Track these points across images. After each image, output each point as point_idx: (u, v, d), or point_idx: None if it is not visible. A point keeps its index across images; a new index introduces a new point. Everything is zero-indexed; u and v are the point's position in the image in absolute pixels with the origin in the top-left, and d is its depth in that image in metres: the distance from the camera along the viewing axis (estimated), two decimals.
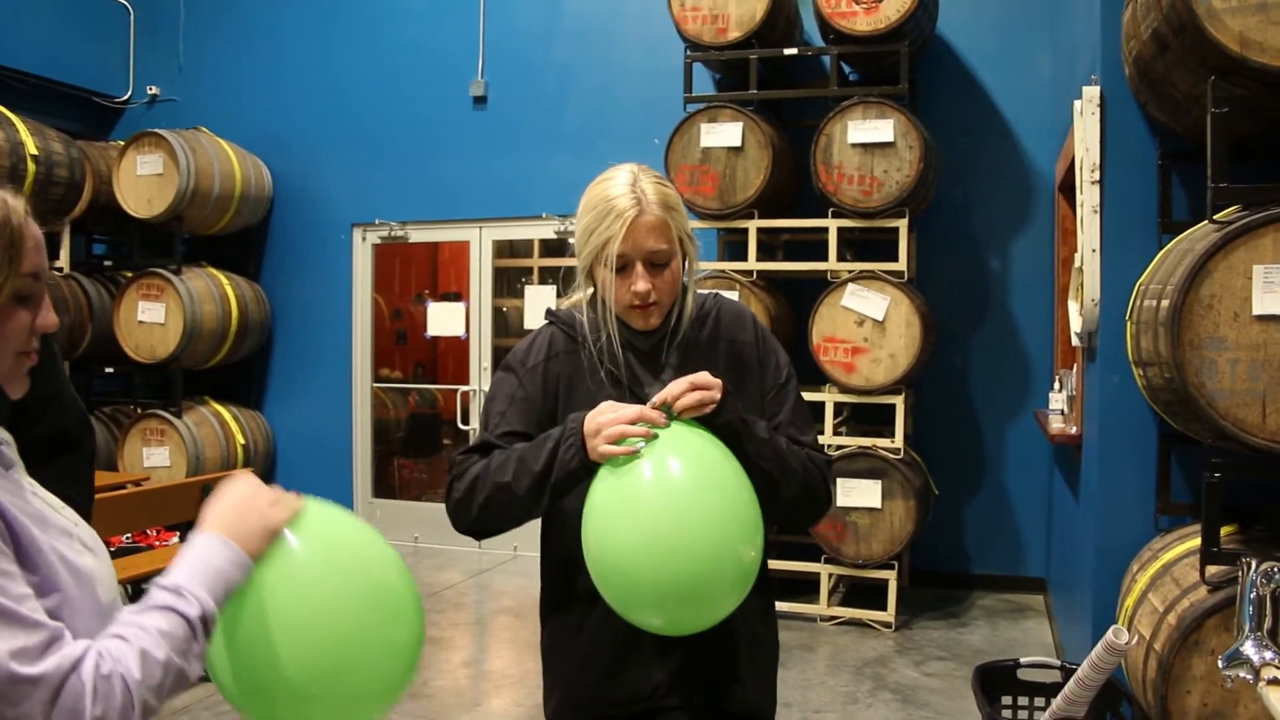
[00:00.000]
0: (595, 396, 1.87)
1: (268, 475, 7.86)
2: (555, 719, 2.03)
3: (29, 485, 1.41)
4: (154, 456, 7.26)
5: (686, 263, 1.99)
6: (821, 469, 1.99)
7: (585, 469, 1.78)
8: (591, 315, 1.98)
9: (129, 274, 7.36)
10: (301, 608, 1.39)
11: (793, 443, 1.96)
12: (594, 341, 1.96)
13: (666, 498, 1.70)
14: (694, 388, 1.78)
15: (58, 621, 1.20)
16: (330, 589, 1.42)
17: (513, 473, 1.84)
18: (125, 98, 8.22)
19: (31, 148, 6.34)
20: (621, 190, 1.90)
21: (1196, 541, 3.04)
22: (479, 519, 1.90)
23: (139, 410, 7.40)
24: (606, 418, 1.76)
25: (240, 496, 1.42)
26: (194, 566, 1.32)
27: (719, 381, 1.81)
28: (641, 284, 1.89)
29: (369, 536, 1.52)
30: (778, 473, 1.88)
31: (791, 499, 1.92)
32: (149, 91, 8.20)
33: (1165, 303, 2.90)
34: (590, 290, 1.99)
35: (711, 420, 1.80)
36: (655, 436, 1.75)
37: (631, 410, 1.77)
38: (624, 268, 1.90)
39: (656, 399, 1.79)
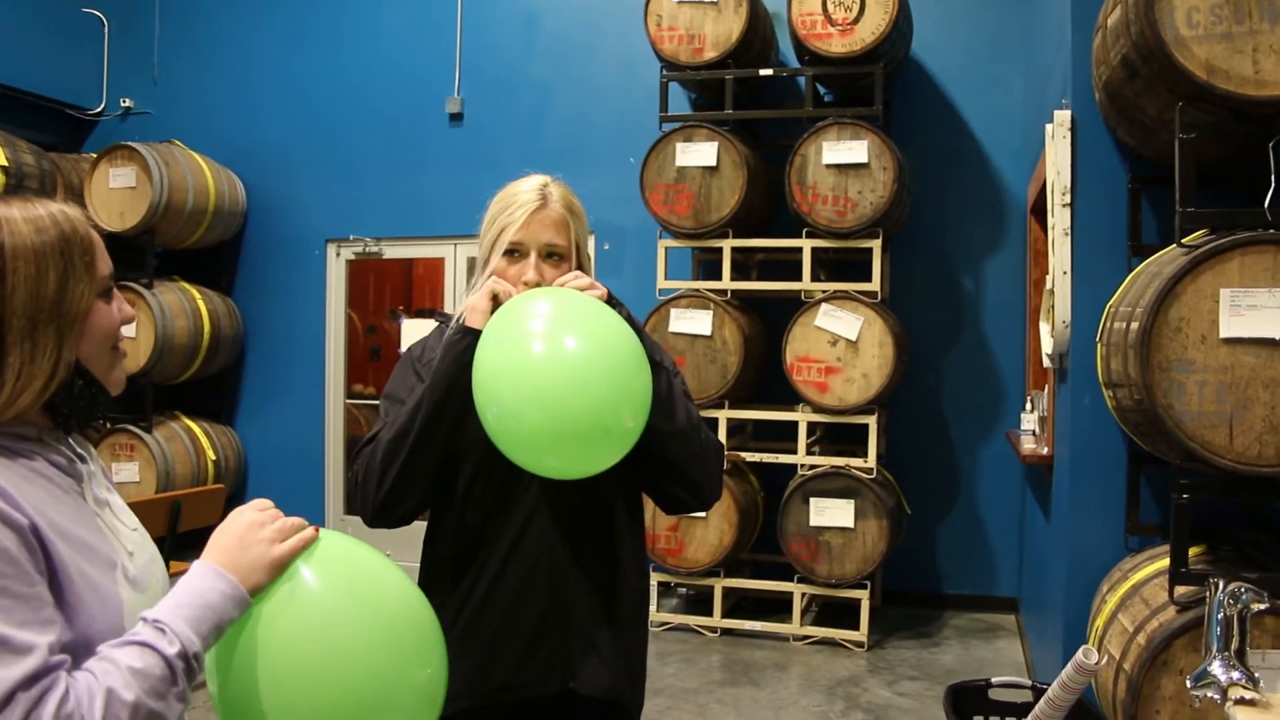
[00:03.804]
0: None
1: (239, 491, 7.80)
2: None
3: (100, 501, 1.40)
4: (123, 472, 7.19)
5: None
6: (715, 442, 2.02)
7: (465, 334, 1.84)
8: None
9: None
10: (308, 644, 1.31)
11: None
12: None
13: (546, 332, 1.71)
14: (577, 277, 1.87)
15: (63, 655, 1.17)
16: (340, 624, 1.34)
17: (409, 405, 1.86)
18: (98, 110, 8.16)
19: (1, 159, 6.29)
20: (529, 187, 1.98)
21: (1165, 562, 3.06)
22: (383, 473, 1.86)
23: (108, 425, 7.32)
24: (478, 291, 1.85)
25: (243, 524, 1.36)
26: (183, 599, 1.27)
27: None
28: (532, 273, 1.93)
29: (387, 570, 1.44)
30: (667, 397, 1.89)
31: (683, 435, 1.92)
32: (122, 104, 8.14)
33: (1134, 325, 2.93)
34: None
35: None
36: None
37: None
38: (516, 254, 1.95)
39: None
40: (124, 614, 1.27)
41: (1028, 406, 5.52)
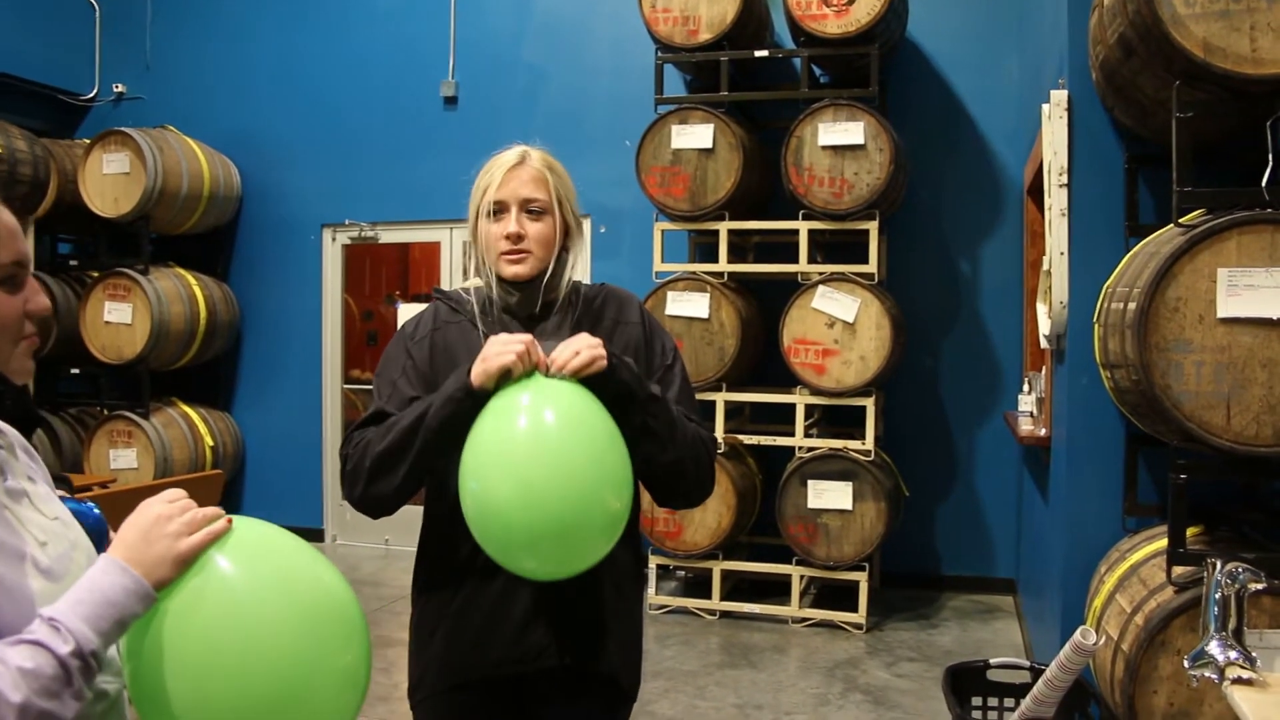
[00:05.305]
0: (476, 355, 1.90)
1: (237, 477, 7.81)
2: (422, 688, 2.06)
3: (14, 492, 1.36)
4: (121, 458, 7.18)
5: (570, 239, 2.07)
6: (707, 445, 2.05)
7: (466, 393, 1.82)
8: (478, 287, 2.07)
9: (95, 274, 7.28)
10: (220, 634, 1.29)
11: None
12: (479, 310, 2.03)
13: (539, 441, 1.74)
14: (577, 352, 1.83)
15: None
16: (257, 613, 1.31)
17: (399, 426, 1.88)
18: (91, 95, 8.12)
19: None
20: (509, 151, 2.04)
21: (1163, 542, 3.06)
22: (369, 483, 1.91)
23: (106, 412, 7.32)
24: (497, 344, 1.82)
25: (150, 518, 1.32)
26: (84, 595, 1.24)
27: (599, 341, 1.87)
28: (513, 226, 1.98)
29: (305, 556, 1.41)
30: (666, 432, 1.93)
31: (675, 465, 1.97)
32: (115, 89, 8.10)
33: (1132, 305, 2.92)
34: (478, 259, 2.07)
35: (605, 381, 1.84)
36: (532, 373, 1.81)
37: (521, 338, 1.82)
38: (500, 213, 2.00)
39: (543, 362, 1.85)
40: (35, 604, 1.25)
41: (1025, 388, 5.52)
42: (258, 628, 1.30)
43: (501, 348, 1.80)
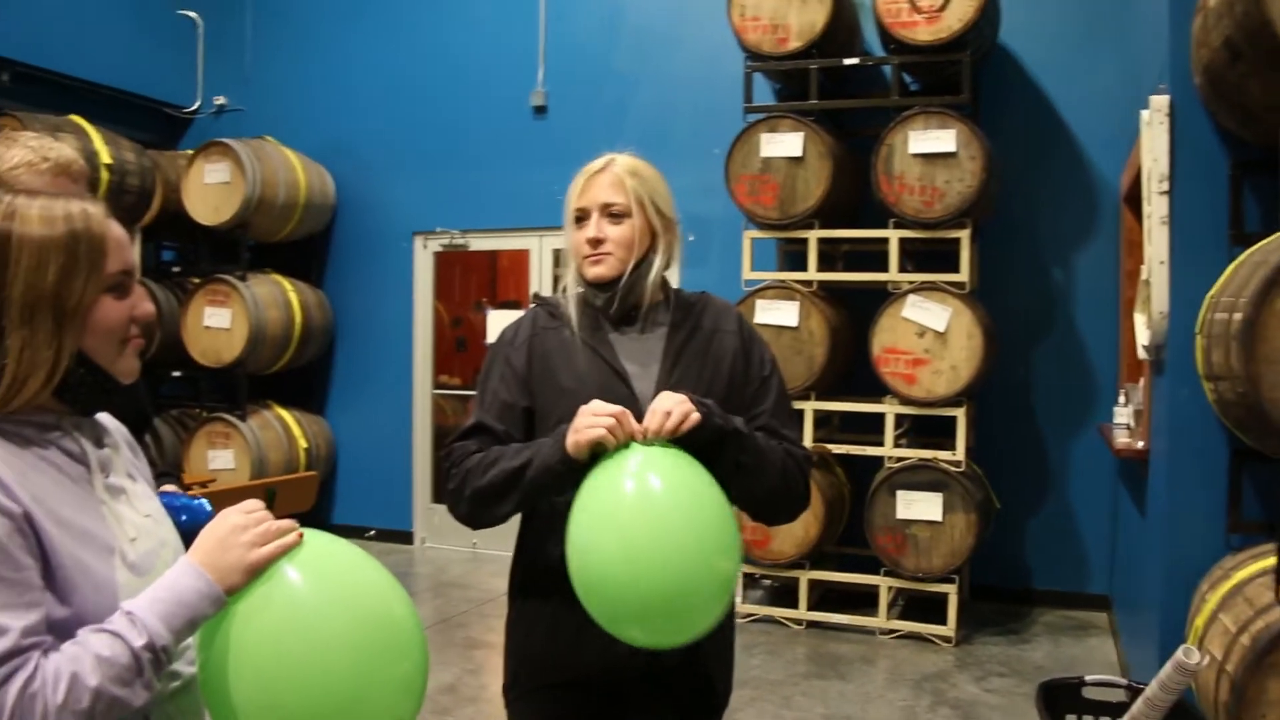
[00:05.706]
0: (573, 361, 2.01)
1: (329, 479, 7.98)
2: (515, 685, 2.12)
3: (114, 489, 1.47)
4: (219, 459, 7.39)
5: (656, 241, 2.08)
6: (800, 463, 2.07)
7: (563, 464, 1.85)
8: (577, 293, 2.12)
9: (196, 280, 7.51)
10: (284, 640, 1.37)
11: (773, 435, 2.05)
12: (576, 317, 2.08)
13: (646, 513, 1.76)
14: (668, 413, 1.84)
15: (40, 637, 1.25)
16: (319, 621, 1.39)
17: (498, 469, 1.94)
18: (194, 108, 8.39)
19: (105, 157, 6.50)
20: (598, 159, 2.10)
21: (1270, 560, 2.97)
22: (470, 509, 2.01)
23: (205, 414, 7.54)
24: (587, 416, 1.84)
25: (226, 527, 1.41)
26: (161, 594, 1.34)
27: (683, 396, 1.88)
28: (593, 230, 2.04)
29: (368, 570, 1.48)
30: (755, 467, 1.96)
31: (770, 492, 2.01)
32: (216, 102, 8.36)
33: (1238, 316, 2.84)
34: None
35: (697, 435, 1.86)
36: (628, 445, 1.83)
37: (614, 409, 1.84)
38: (582, 220, 2.07)
39: (637, 431, 1.86)
40: (119, 596, 1.35)
41: (1121, 399, 5.39)
42: (319, 634, 1.38)
43: (592, 420, 1.83)
